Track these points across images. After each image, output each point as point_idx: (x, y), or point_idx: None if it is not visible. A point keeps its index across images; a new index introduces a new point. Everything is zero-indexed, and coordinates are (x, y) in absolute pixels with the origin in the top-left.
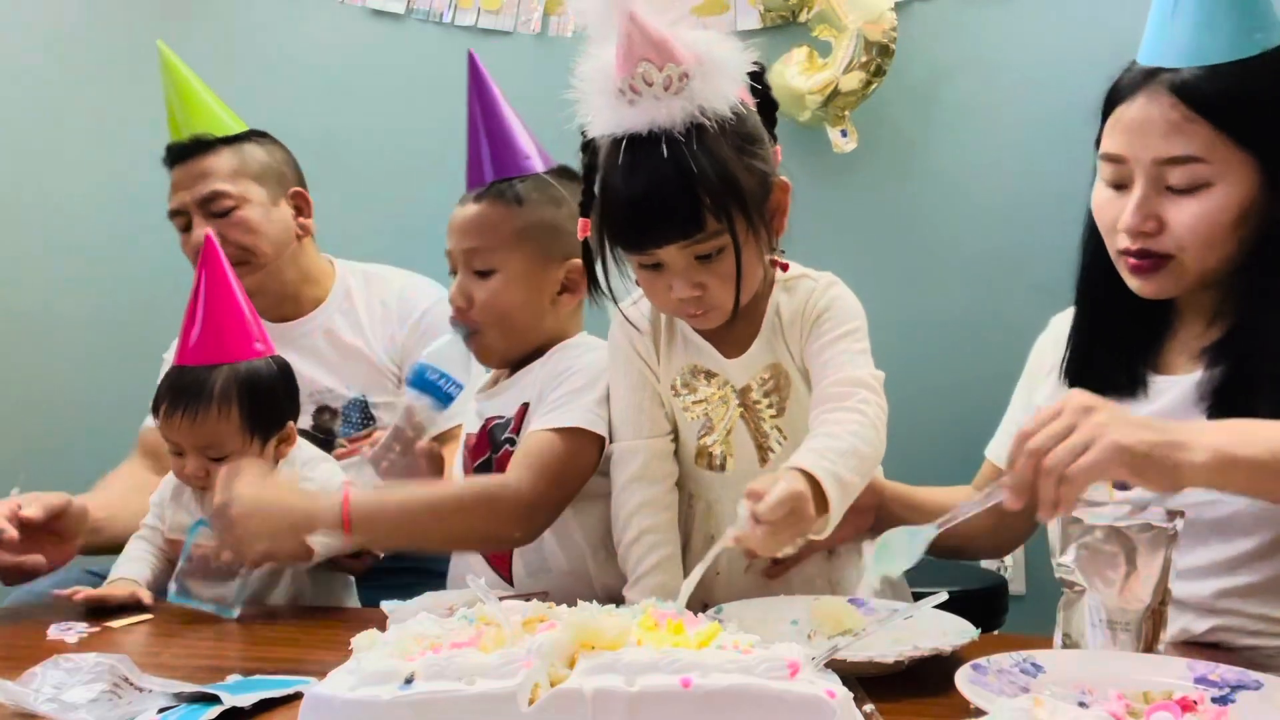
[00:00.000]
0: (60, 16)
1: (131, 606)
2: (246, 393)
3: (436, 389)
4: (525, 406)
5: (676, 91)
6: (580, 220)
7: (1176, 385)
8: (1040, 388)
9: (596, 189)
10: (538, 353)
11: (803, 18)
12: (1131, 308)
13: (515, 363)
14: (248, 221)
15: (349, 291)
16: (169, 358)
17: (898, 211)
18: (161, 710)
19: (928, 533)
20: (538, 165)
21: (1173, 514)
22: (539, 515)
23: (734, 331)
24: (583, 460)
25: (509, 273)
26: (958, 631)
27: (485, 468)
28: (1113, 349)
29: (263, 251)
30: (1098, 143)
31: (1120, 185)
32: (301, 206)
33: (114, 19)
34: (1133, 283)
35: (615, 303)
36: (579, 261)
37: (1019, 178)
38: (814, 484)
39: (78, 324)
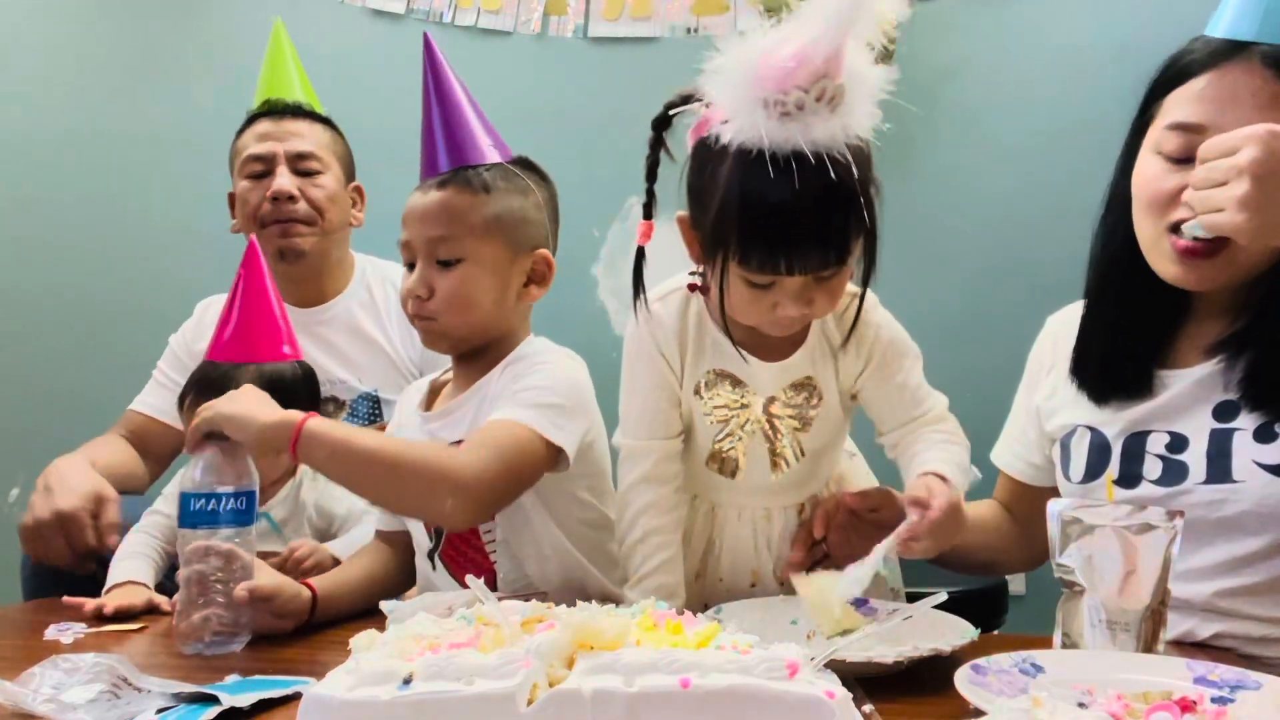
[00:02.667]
0: (63, 15)
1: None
2: (269, 393)
3: (233, 516)
4: None
5: (834, 109)
6: (643, 223)
7: (1183, 379)
8: (1040, 388)
9: (716, 197)
10: (487, 351)
11: None
12: (1147, 301)
13: (463, 355)
14: (327, 188)
15: (368, 285)
16: (174, 341)
17: (897, 211)
18: (160, 710)
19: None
20: (497, 155)
21: (1172, 514)
22: (483, 501)
23: (777, 338)
24: (537, 461)
25: (477, 262)
26: (957, 632)
27: None
28: (1123, 346)
29: (330, 220)
30: (1139, 120)
31: (1185, 158)
32: (357, 200)
33: (115, 17)
34: (1174, 270)
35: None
36: (546, 252)
37: (1019, 178)
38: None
39: (74, 319)
